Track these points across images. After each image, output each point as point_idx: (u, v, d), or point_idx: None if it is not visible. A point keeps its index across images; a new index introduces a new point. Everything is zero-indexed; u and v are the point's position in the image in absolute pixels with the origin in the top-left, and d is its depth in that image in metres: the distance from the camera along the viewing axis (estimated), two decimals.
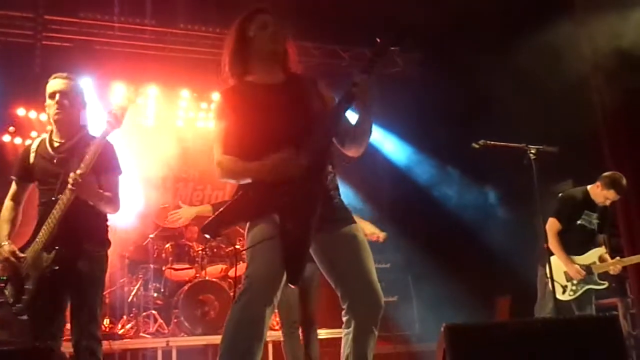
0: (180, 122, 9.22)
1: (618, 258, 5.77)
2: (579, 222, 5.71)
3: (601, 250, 5.80)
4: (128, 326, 7.05)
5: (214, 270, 7.57)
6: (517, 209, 6.66)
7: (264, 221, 2.90)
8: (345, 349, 2.97)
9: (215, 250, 7.62)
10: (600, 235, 5.90)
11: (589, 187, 5.85)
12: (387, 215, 8.71)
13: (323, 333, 6.83)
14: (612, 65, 6.55)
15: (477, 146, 4.99)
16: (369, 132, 3.09)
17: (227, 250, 7.65)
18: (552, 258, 5.56)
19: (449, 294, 7.83)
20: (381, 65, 3.04)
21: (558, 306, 5.28)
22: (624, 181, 5.70)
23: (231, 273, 7.51)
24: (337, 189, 3.10)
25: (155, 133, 8.73)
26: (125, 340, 6.73)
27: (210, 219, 2.93)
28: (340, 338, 3.06)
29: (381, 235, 5.75)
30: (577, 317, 4.76)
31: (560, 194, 5.92)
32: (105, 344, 6.23)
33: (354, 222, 3.08)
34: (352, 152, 3.16)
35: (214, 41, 8.41)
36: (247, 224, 2.99)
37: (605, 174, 5.79)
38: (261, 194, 2.92)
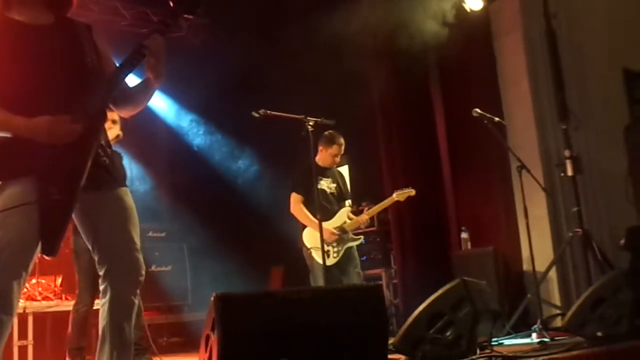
0: None
1: (365, 209, 6.07)
2: (319, 188, 5.77)
3: (347, 210, 6.02)
4: None
5: None
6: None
7: (20, 183, 2.56)
8: (101, 320, 2.76)
9: None
10: (345, 201, 6.13)
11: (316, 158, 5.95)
12: (164, 183, 8.49)
13: None
14: (389, 47, 6.87)
15: (257, 115, 4.95)
16: (149, 97, 2.87)
17: None
18: (305, 230, 5.75)
19: (224, 264, 7.82)
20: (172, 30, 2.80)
21: (328, 273, 5.44)
22: (340, 136, 5.97)
23: None
24: (109, 147, 2.84)
25: None
26: None
27: None
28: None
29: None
30: (344, 287, 4.93)
31: (293, 173, 6.04)
32: None
33: (124, 185, 2.86)
34: (125, 113, 2.94)
35: None
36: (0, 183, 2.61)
37: (323, 135, 5.97)
38: (22, 151, 2.57)
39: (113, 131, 4.48)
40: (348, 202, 6.18)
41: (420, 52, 6.57)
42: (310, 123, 5.07)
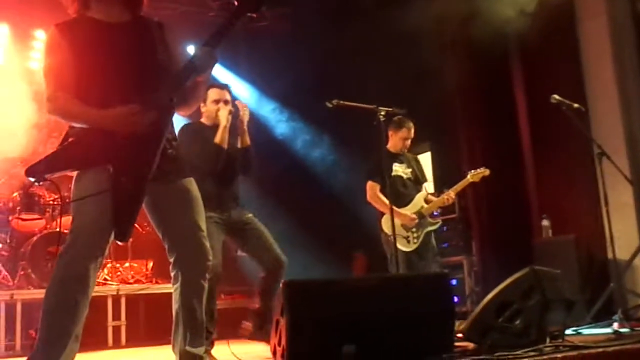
0: (34, 64, 8.70)
1: (445, 191, 5.98)
2: (393, 174, 5.78)
3: (423, 194, 5.96)
4: None
5: (66, 221, 7.21)
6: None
7: (95, 172, 2.76)
8: (174, 303, 2.94)
9: (68, 200, 7.28)
10: (422, 185, 6.06)
11: (387, 145, 5.92)
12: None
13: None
14: (468, 34, 6.82)
15: (330, 105, 5.03)
16: (200, 99, 3.09)
17: None
18: (384, 217, 5.68)
19: (307, 251, 7.92)
20: (228, 32, 2.94)
21: (408, 259, 5.55)
22: (409, 120, 5.90)
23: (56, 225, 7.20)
24: (174, 139, 3.02)
25: (4, 74, 8.20)
26: None
27: (37, 161, 2.75)
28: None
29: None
30: (411, 275, 4.92)
31: (368, 162, 5.99)
32: None
33: (189, 175, 3.01)
34: (182, 111, 3.09)
35: None
36: (76, 173, 2.83)
37: (391, 122, 5.86)
38: (96, 142, 2.76)
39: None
40: (425, 187, 6.14)
41: (501, 38, 6.51)
42: (382, 113, 5.10)
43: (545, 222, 6.67)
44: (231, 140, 4.68)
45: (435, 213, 6.27)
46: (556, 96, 5.36)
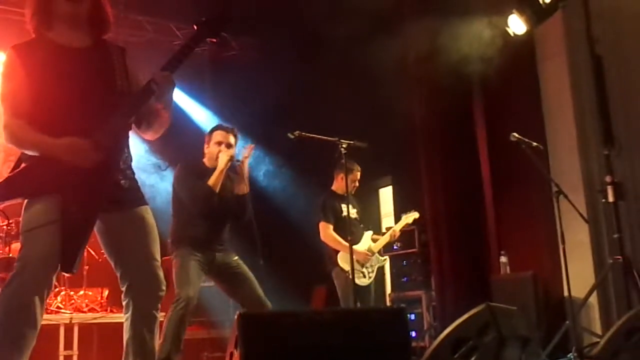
0: None
1: (392, 229, 6.33)
2: (342, 215, 6.00)
3: (369, 233, 6.28)
4: None
5: (16, 248, 7.11)
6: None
7: (45, 201, 2.71)
8: (125, 333, 2.88)
9: (17, 229, 7.14)
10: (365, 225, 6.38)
11: (332, 186, 6.29)
12: None
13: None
14: (431, 72, 6.91)
15: (292, 136, 5.06)
16: (166, 123, 3.04)
17: None
18: (340, 254, 5.95)
19: (267, 282, 7.82)
20: (186, 56, 2.94)
21: (364, 292, 5.84)
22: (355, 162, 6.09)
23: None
24: (129, 169, 2.98)
25: None
26: None
27: None
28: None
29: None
30: (367, 308, 5.04)
31: (318, 203, 6.23)
32: None
33: (145, 203, 2.98)
34: (147, 136, 3.08)
35: None
36: (26, 201, 2.77)
37: (337, 165, 6.11)
38: (47, 170, 2.72)
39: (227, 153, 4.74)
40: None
41: (463, 76, 6.60)
42: (344, 145, 5.17)
43: (503, 259, 6.72)
44: (228, 185, 4.68)
45: (395, 247, 6.44)
46: (515, 134, 5.45)
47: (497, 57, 6.48)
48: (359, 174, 6.15)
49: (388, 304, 7.90)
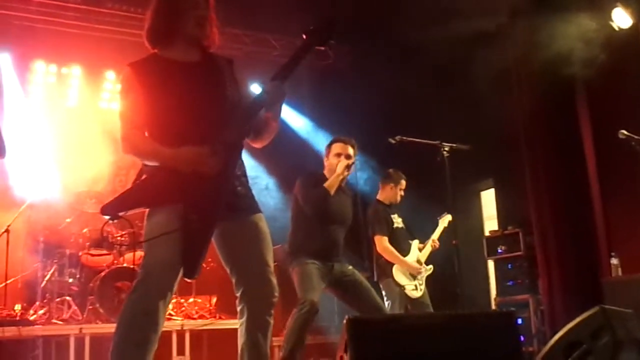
0: (104, 104, 9.01)
1: (431, 239, 6.23)
2: (394, 226, 6.06)
3: (416, 243, 6.21)
4: (40, 312, 6.83)
5: (132, 257, 7.43)
6: (434, 206, 6.77)
7: (167, 210, 2.82)
8: (240, 338, 2.97)
9: (140, 239, 7.43)
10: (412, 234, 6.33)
11: (378, 196, 6.27)
12: None
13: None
14: (532, 71, 6.77)
15: (393, 141, 5.08)
16: (274, 132, 3.10)
17: None
18: (394, 267, 5.92)
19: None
20: (296, 65, 3.00)
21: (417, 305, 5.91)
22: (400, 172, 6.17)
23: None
24: (244, 176, 3.07)
25: (77, 115, 8.52)
26: (35, 326, 6.54)
27: (111, 199, 2.83)
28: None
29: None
30: (476, 313, 4.92)
31: (369, 214, 6.20)
32: (14, 330, 6.15)
33: (258, 210, 3.06)
34: (256, 144, 3.15)
35: (140, 22, 8.19)
36: (148, 210, 2.90)
37: (385, 175, 6.23)
38: (168, 180, 2.82)
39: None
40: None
41: (565, 75, 6.45)
42: (446, 149, 5.14)
43: (614, 261, 6.47)
44: (345, 200, 4.93)
45: (499, 251, 6.30)
46: (624, 131, 5.26)
47: (601, 53, 6.29)
48: (405, 182, 6.18)
49: (493, 308, 7.78)
